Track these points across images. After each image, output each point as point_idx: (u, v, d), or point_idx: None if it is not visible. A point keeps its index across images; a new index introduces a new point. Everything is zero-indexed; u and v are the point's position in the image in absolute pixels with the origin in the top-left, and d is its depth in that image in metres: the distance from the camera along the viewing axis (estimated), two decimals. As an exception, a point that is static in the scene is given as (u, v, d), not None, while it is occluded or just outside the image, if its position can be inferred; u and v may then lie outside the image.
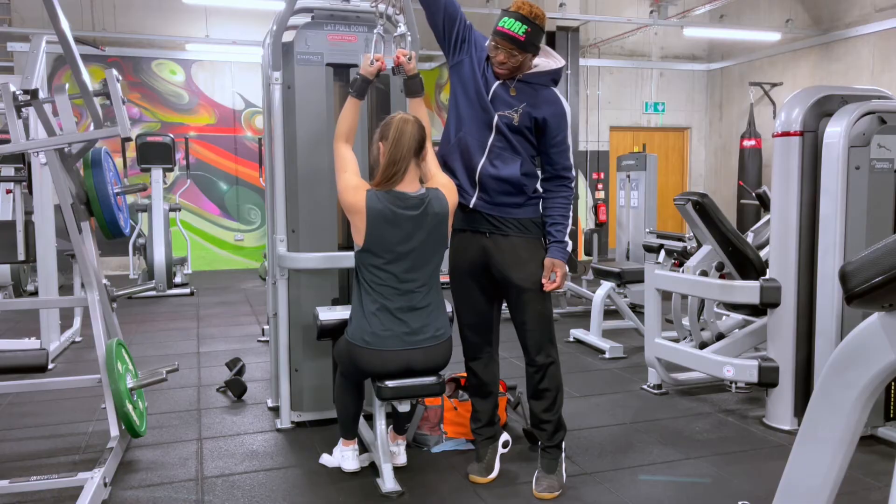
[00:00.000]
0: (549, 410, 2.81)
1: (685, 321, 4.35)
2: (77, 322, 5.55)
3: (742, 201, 9.95)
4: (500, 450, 2.95)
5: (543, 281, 2.73)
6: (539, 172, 2.80)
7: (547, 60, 2.74)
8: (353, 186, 2.64)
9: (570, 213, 2.78)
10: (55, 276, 4.96)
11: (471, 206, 2.76)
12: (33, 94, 3.21)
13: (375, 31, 2.96)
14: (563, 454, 2.86)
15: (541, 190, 2.79)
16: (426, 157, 2.71)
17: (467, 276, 2.85)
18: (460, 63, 2.77)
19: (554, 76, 2.73)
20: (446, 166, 2.81)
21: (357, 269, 2.72)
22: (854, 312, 3.13)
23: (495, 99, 2.69)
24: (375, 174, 2.68)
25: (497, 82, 2.69)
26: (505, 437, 3.00)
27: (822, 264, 3.31)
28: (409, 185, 2.65)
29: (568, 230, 2.74)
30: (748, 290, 3.50)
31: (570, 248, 2.77)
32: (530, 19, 2.56)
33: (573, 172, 2.79)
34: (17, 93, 3.20)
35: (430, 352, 2.72)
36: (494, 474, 2.89)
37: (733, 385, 4.12)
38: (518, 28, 2.55)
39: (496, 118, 2.68)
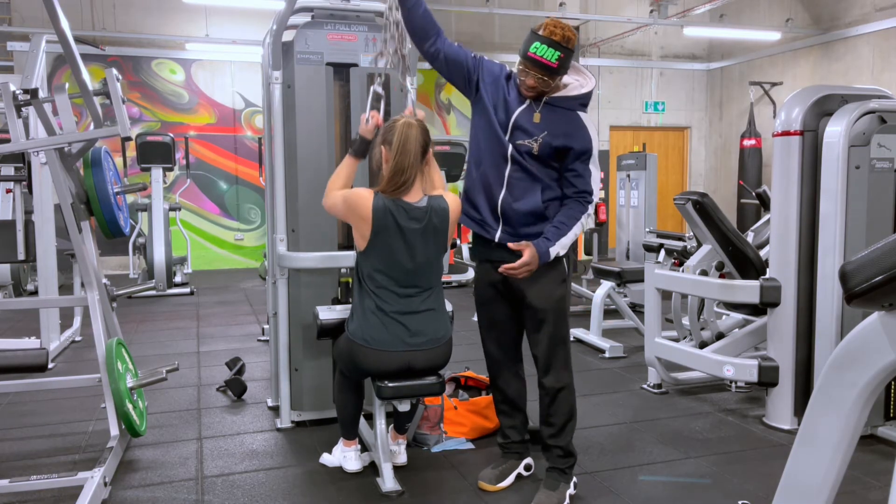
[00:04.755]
0: (556, 437, 2.71)
1: (685, 321, 4.35)
2: (77, 321, 5.56)
3: (742, 201, 9.95)
4: (521, 470, 2.89)
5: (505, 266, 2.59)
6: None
7: (578, 80, 2.63)
8: (363, 194, 2.60)
9: (576, 227, 2.60)
10: (55, 276, 4.96)
11: (496, 240, 2.65)
12: (33, 93, 3.20)
13: (372, 87, 2.88)
14: (572, 484, 2.72)
15: None
16: (430, 162, 2.70)
17: (491, 290, 2.76)
18: (479, 99, 2.69)
19: (583, 100, 2.61)
20: (469, 201, 2.73)
21: (357, 269, 2.72)
22: (854, 312, 3.13)
23: (517, 126, 2.59)
24: (379, 180, 2.66)
25: (521, 107, 2.59)
26: (529, 460, 2.93)
27: (822, 264, 3.31)
28: (414, 195, 2.63)
29: (566, 239, 2.58)
30: (748, 290, 3.50)
31: (557, 254, 2.57)
32: (563, 45, 2.44)
33: (592, 197, 2.62)
34: (17, 92, 3.20)
35: (430, 353, 2.71)
36: (504, 485, 2.82)
37: (733, 384, 4.12)
38: (551, 55, 2.44)
39: (510, 148, 2.59)
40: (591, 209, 2.64)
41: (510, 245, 2.55)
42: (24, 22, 8.74)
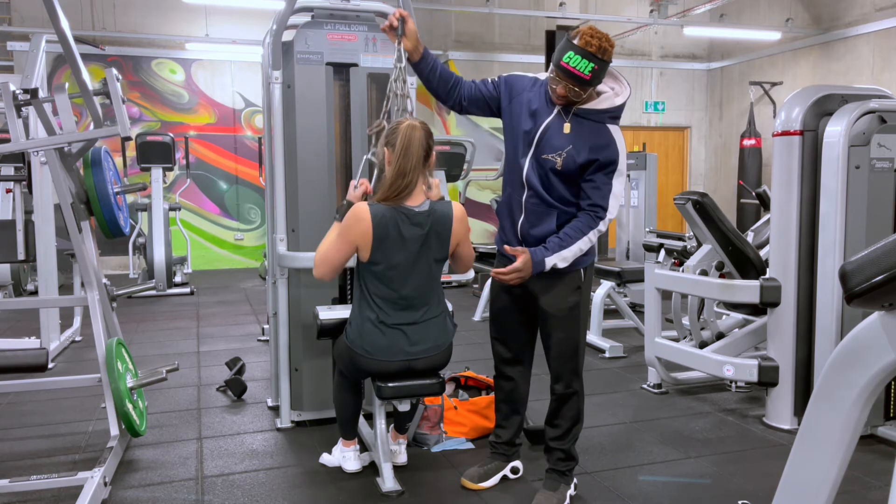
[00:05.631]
0: (559, 440, 2.70)
1: (685, 320, 4.35)
2: (77, 321, 5.56)
3: (742, 201, 9.95)
4: (508, 472, 2.88)
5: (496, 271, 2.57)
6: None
7: (613, 88, 2.55)
8: (358, 213, 2.55)
9: (581, 242, 2.51)
10: (55, 276, 4.96)
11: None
12: (33, 93, 3.21)
13: (365, 156, 2.87)
14: (572, 485, 2.72)
15: None
16: (432, 165, 2.67)
17: (505, 293, 2.75)
18: (504, 122, 2.69)
19: (613, 113, 2.52)
20: (500, 224, 2.73)
21: (359, 276, 2.70)
22: (854, 312, 3.13)
23: (545, 136, 2.53)
24: (382, 183, 2.63)
25: (550, 117, 2.54)
26: (517, 463, 2.91)
27: (822, 264, 3.31)
28: (415, 199, 2.60)
29: (568, 252, 2.50)
30: (748, 290, 3.50)
31: (554, 265, 2.50)
32: (598, 56, 2.34)
33: (606, 214, 2.51)
34: (17, 92, 3.20)
35: (430, 359, 2.71)
36: (487, 485, 2.81)
37: (733, 384, 4.12)
38: (584, 67, 2.35)
39: (524, 174, 2.56)
40: (602, 225, 2.53)
41: (506, 248, 2.56)
42: (24, 22, 8.74)
